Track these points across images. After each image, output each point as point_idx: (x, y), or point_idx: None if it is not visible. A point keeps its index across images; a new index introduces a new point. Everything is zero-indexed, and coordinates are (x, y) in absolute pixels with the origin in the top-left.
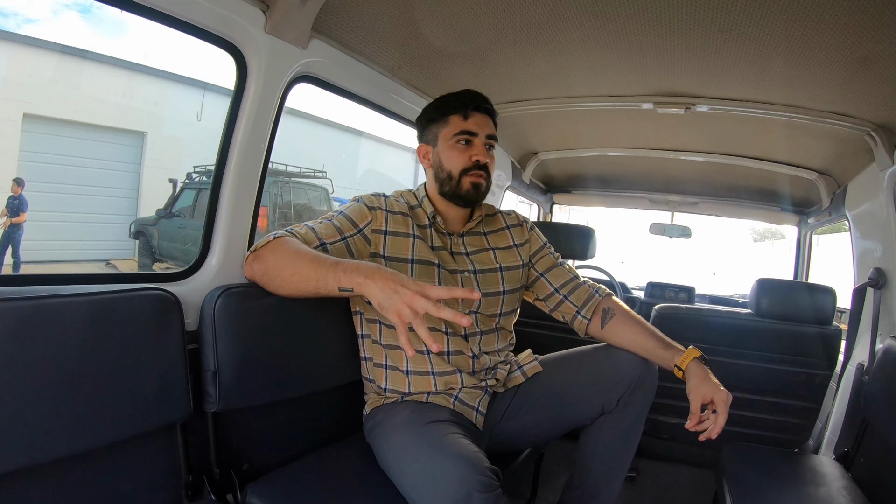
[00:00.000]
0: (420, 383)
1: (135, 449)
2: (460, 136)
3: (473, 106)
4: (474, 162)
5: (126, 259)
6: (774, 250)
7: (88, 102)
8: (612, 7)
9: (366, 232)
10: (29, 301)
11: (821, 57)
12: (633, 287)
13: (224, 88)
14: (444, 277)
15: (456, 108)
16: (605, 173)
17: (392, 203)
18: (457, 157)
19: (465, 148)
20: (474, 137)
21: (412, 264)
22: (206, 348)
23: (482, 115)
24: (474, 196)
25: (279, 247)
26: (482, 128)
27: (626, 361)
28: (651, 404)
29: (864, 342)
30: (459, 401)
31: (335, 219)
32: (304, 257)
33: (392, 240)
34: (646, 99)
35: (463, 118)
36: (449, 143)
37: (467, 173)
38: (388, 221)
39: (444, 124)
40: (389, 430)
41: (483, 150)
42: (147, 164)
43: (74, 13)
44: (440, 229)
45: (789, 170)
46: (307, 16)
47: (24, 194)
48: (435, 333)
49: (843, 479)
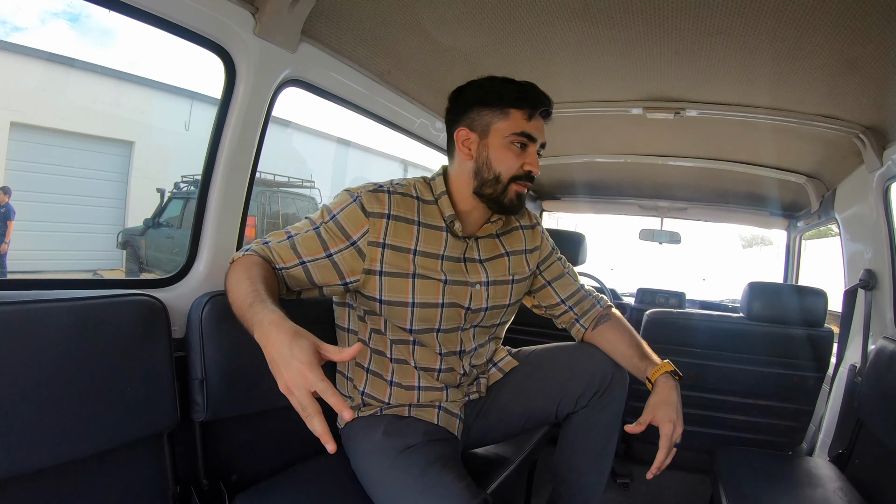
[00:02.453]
0: (402, 396)
1: (121, 459)
2: (520, 138)
3: (542, 108)
4: (526, 172)
5: (113, 269)
6: (762, 256)
7: (76, 111)
8: (600, 12)
9: (360, 245)
10: (12, 306)
11: (809, 59)
12: (624, 293)
13: (212, 98)
14: (451, 293)
15: (522, 103)
16: (594, 180)
17: (398, 202)
18: (511, 161)
19: (521, 152)
20: (532, 143)
21: (413, 279)
22: (193, 356)
23: (542, 119)
24: (517, 206)
25: (236, 269)
26: (541, 134)
27: (600, 361)
28: (622, 411)
29: (856, 343)
30: (444, 410)
31: (323, 227)
32: (240, 290)
33: (391, 254)
34: (635, 104)
35: (527, 118)
36: (505, 141)
37: (517, 181)
38: (389, 231)
39: (502, 116)
40: (365, 454)
41: (537, 160)
42: (135, 173)
43: (62, 21)
44: (457, 234)
45: (778, 174)
46: (296, 19)
47: (10, 203)
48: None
49: (838, 480)
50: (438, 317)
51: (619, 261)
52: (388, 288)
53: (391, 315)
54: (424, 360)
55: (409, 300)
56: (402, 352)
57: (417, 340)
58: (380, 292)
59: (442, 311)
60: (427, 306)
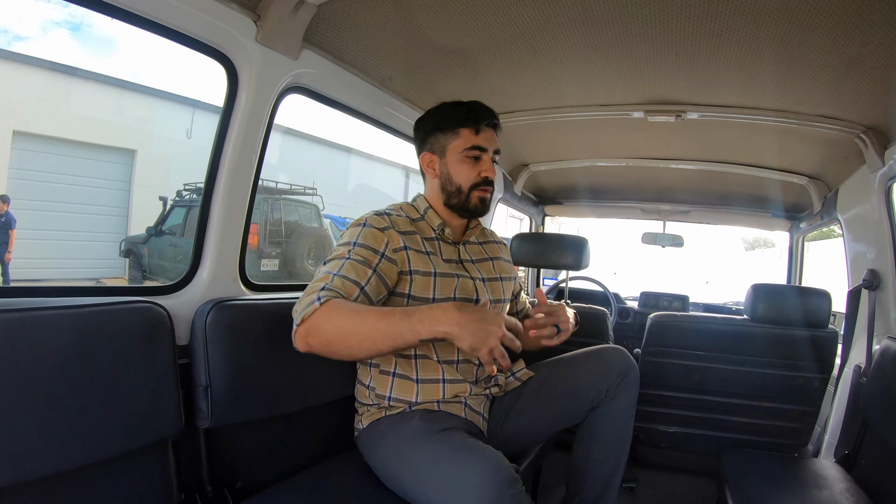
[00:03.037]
0: (429, 392)
1: (125, 466)
2: (471, 151)
3: (486, 121)
4: (483, 178)
5: (116, 278)
6: (765, 259)
7: (78, 120)
8: (602, 15)
9: (388, 254)
10: (15, 313)
11: (810, 59)
12: (627, 297)
13: (214, 106)
14: (463, 287)
15: (467, 121)
16: (596, 184)
17: (396, 220)
18: (467, 172)
19: (475, 163)
20: (484, 153)
21: (435, 277)
22: (197, 363)
23: (490, 129)
24: (482, 210)
25: (332, 315)
26: (491, 143)
27: (611, 355)
28: (637, 397)
29: (861, 344)
30: (469, 408)
31: (353, 253)
32: (366, 320)
33: (413, 255)
34: (637, 107)
35: (474, 132)
36: (459, 157)
37: (476, 188)
38: (403, 238)
39: (453, 136)
40: (398, 441)
41: (491, 166)
42: (137, 181)
43: (64, 30)
44: (447, 239)
45: (780, 175)
46: (299, 26)
47: (10, 212)
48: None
49: (845, 481)
50: None
51: (622, 265)
52: (416, 285)
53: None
54: (445, 353)
55: (430, 296)
56: (424, 348)
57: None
58: (409, 288)
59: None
60: (445, 301)
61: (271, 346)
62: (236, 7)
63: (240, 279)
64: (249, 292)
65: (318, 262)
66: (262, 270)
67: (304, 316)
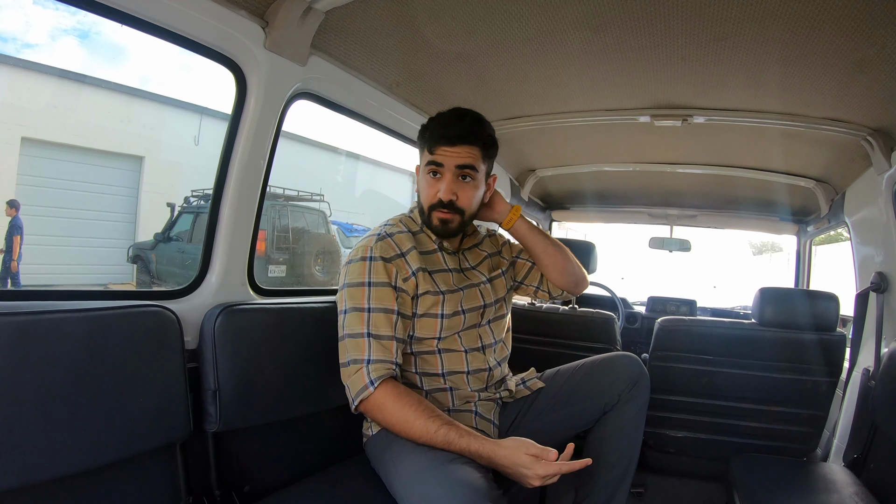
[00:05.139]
0: (439, 401)
1: (133, 469)
2: (429, 167)
3: (443, 135)
4: (437, 199)
5: (124, 284)
6: (772, 263)
7: (86, 127)
8: (607, 20)
9: (399, 284)
10: (26, 316)
11: (816, 62)
12: (635, 302)
13: (221, 113)
14: (469, 297)
15: (428, 137)
16: (603, 189)
17: (401, 240)
18: (426, 190)
19: (433, 181)
20: (440, 169)
21: (443, 296)
22: (206, 367)
23: (462, 144)
24: (442, 232)
25: (385, 409)
26: (451, 159)
27: (622, 363)
28: (648, 404)
29: (869, 347)
30: (479, 416)
31: (372, 299)
32: (425, 432)
33: (422, 276)
34: (643, 112)
35: (431, 150)
36: (423, 173)
37: (435, 209)
38: (409, 263)
39: (422, 152)
40: (400, 453)
41: (449, 186)
42: (145, 188)
43: (73, 38)
44: (448, 250)
45: (787, 179)
46: (306, 32)
47: (19, 217)
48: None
49: (854, 485)
50: (462, 321)
51: (630, 270)
52: (424, 304)
53: (420, 328)
54: (451, 364)
55: (439, 312)
56: (428, 362)
57: (442, 348)
58: (416, 307)
59: (464, 316)
60: (452, 315)
61: (280, 351)
62: (245, 14)
63: (248, 284)
64: (258, 297)
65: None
66: (270, 276)
67: (361, 398)
